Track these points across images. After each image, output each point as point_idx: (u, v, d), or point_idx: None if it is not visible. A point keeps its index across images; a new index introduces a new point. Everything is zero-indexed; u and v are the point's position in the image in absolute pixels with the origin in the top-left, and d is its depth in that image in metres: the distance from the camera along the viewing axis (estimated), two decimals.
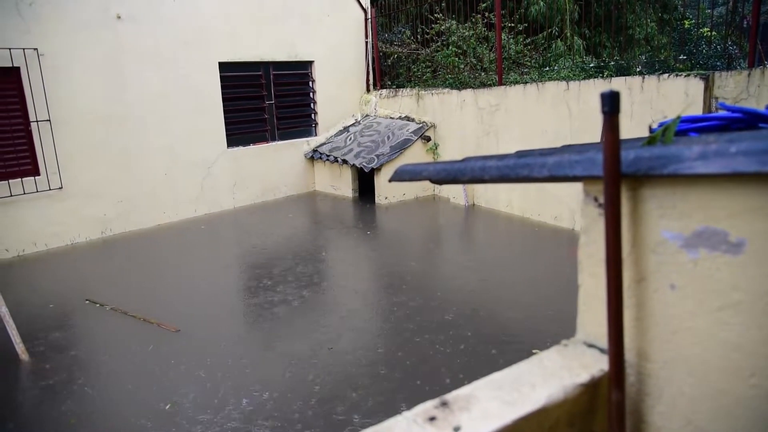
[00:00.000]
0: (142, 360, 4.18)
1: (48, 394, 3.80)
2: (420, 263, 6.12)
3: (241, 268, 6.32)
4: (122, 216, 7.67)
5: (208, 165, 8.47)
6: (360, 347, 4.18)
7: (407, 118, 9.30)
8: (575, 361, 1.13)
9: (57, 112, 6.95)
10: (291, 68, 9.41)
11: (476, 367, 3.81)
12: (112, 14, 7.34)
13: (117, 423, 3.41)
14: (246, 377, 3.84)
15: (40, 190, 6.92)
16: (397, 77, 10.51)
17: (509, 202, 7.70)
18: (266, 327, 4.65)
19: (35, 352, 4.33)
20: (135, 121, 7.66)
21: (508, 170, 1.22)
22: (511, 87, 7.55)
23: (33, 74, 6.74)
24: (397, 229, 7.60)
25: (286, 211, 8.62)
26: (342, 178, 9.25)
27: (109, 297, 5.38)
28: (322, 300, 5.20)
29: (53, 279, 6.16)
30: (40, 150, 6.90)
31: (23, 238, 6.90)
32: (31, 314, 4.96)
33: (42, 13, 6.76)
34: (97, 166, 7.37)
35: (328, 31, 9.63)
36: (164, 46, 7.83)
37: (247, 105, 9.01)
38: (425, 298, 4.98)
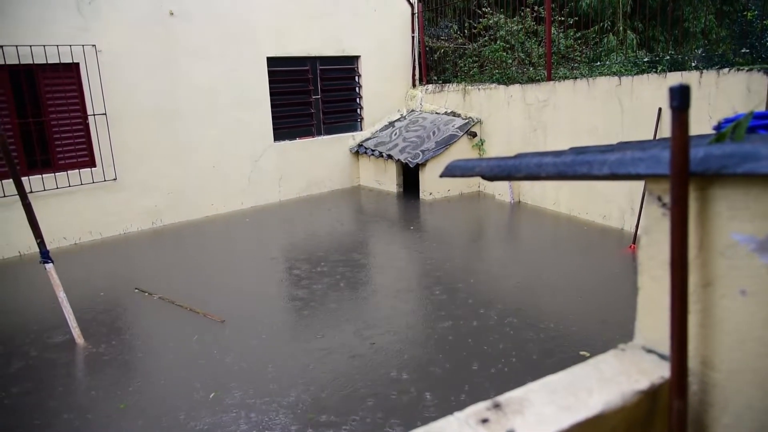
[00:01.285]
0: (189, 349, 4.27)
1: (100, 378, 3.93)
2: (463, 260, 6.07)
3: (285, 260, 6.40)
4: (172, 207, 7.88)
5: (255, 158, 8.61)
6: (402, 344, 4.17)
7: (453, 113, 9.22)
8: (633, 366, 1.09)
9: (112, 106, 7.19)
10: (338, 63, 9.46)
11: (519, 367, 3.75)
12: (165, 11, 7.52)
13: (164, 410, 3.49)
14: (289, 370, 3.87)
15: (96, 181, 7.19)
16: (444, 72, 10.43)
17: (556, 199, 7.54)
18: (309, 320, 4.69)
19: (88, 337, 4.49)
20: (185, 115, 7.85)
21: (566, 167, 1.18)
22: (561, 82, 7.38)
23: (91, 70, 6.99)
24: (441, 225, 7.55)
25: (330, 205, 8.68)
26: (387, 173, 9.25)
27: (157, 286, 5.53)
28: (365, 294, 5.22)
29: (106, 267, 6.38)
30: (96, 143, 7.15)
31: (80, 227, 7.18)
32: (84, 300, 5.14)
33: (100, 11, 6.99)
34: (149, 159, 7.59)
35: (374, 26, 9.63)
36: (214, 42, 7.99)
37: (293, 99, 9.11)
38: (468, 296, 4.93)
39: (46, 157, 6.92)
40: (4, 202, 6.51)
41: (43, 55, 6.63)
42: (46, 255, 4.35)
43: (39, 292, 5.42)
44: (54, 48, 6.70)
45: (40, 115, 6.80)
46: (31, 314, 5.10)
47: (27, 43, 6.51)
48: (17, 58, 6.47)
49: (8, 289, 5.87)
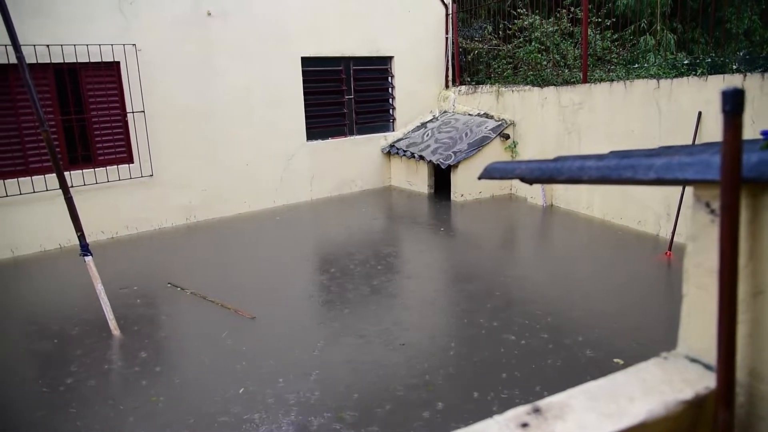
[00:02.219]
0: (219, 344, 4.33)
1: (133, 370, 4.02)
2: (494, 263, 6.02)
3: (315, 259, 6.44)
4: (206, 204, 8.02)
5: (287, 157, 8.70)
6: (431, 346, 4.15)
7: (486, 115, 9.16)
8: (677, 376, 1.07)
9: (150, 104, 7.34)
10: (371, 63, 9.49)
11: (550, 373, 3.70)
12: (203, 11, 7.65)
13: (194, 403, 3.55)
14: (318, 368, 3.89)
15: (133, 177, 7.36)
16: (477, 73, 10.37)
17: (590, 203, 7.43)
18: (338, 319, 4.71)
19: (123, 329, 4.59)
20: (221, 113, 7.98)
21: (610, 171, 1.16)
22: (597, 85, 7.27)
23: (131, 68, 7.15)
24: (472, 228, 7.51)
25: (361, 204, 8.71)
26: (418, 174, 9.24)
27: (189, 281, 5.62)
28: (394, 295, 5.22)
29: (140, 261, 6.52)
30: (134, 139, 7.32)
31: (117, 222, 7.36)
32: (119, 293, 5.24)
33: (140, 11, 7.15)
34: (184, 156, 7.74)
35: (408, 27, 9.63)
36: (250, 42, 8.09)
37: (327, 99, 9.17)
38: (499, 299, 4.89)
39: (86, 153, 7.12)
40: (47, 196, 6.71)
41: (86, 54, 6.81)
42: (86, 248, 4.47)
43: (77, 283, 5.58)
44: (96, 47, 6.88)
45: (81, 112, 6.99)
46: (69, 305, 5.24)
47: (71, 43, 6.70)
48: (62, 57, 6.66)
49: (49, 280, 6.05)
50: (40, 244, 6.89)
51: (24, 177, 6.67)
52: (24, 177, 6.67)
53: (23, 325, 5.00)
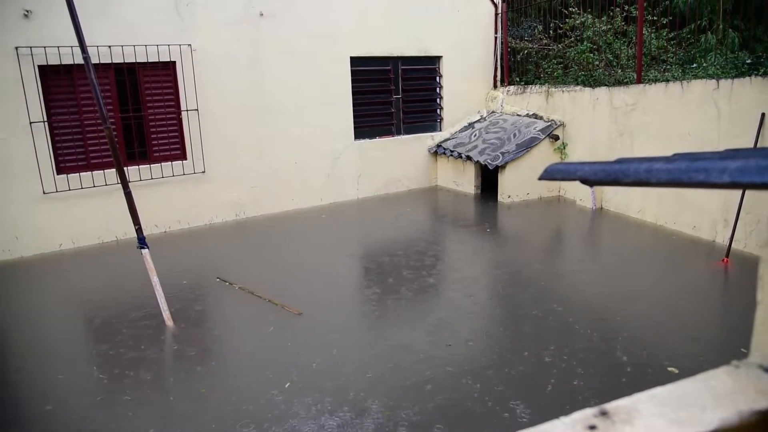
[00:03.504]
0: (266, 339, 4.42)
1: (185, 361, 4.14)
2: (542, 266, 5.93)
3: (361, 257, 6.49)
4: (255, 201, 8.19)
5: (335, 156, 8.79)
6: (478, 348, 4.13)
7: (535, 115, 9.03)
8: (750, 385, 1.03)
9: (203, 102, 7.55)
10: (419, 63, 9.49)
11: (603, 379, 3.63)
12: (256, 12, 7.81)
13: (241, 396, 3.62)
14: (364, 366, 3.92)
15: (186, 173, 7.58)
16: (526, 74, 10.23)
17: (642, 207, 7.23)
18: (385, 318, 4.73)
19: (175, 321, 4.74)
20: (270, 112, 8.13)
21: (681, 174, 1.13)
22: (651, 85, 7.06)
23: (186, 68, 7.36)
24: (519, 229, 7.42)
25: (407, 204, 8.73)
26: (465, 175, 9.19)
27: (238, 276, 5.75)
28: (440, 295, 5.21)
29: (191, 255, 6.71)
30: (188, 137, 7.54)
31: (170, 217, 7.60)
32: (170, 286, 5.37)
33: (196, 12, 7.36)
34: (235, 153, 7.92)
35: (457, 27, 9.59)
36: (300, 42, 8.21)
37: (375, 99, 9.22)
38: (546, 302, 4.82)
39: (143, 149, 7.37)
40: (106, 191, 6.99)
41: (144, 54, 7.06)
42: (143, 241, 4.63)
43: (133, 274, 5.78)
44: (154, 47, 7.11)
45: (139, 110, 7.25)
46: (126, 295, 5.44)
47: (130, 43, 6.95)
48: (122, 57, 6.92)
49: (107, 271, 6.30)
50: (98, 236, 7.18)
51: (85, 172, 6.96)
52: (85, 172, 6.96)
53: (83, 314, 5.23)
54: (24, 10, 6.36)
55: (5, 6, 6.28)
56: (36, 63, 6.50)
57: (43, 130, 6.64)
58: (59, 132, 6.85)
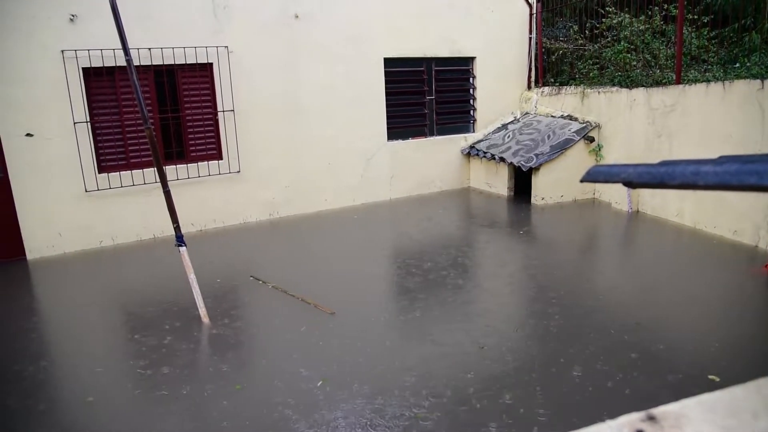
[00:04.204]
0: (299, 337, 4.46)
1: (220, 357, 4.22)
2: (576, 269, 5.85)
3: (394, 258, 6.50)
4: (288, 201, 8.28)
5: (368, 157, 8.83)
6: (510, 350, 4.09)
7: (570, 117, 8.91)
8: None
9: (239, 103, 7.67)
10: (452, 64, 9.47)
11: (637, 386, 3.56)
12: (291, 13, 7.90)
13: (275, 393, 3.66)
14: (395, 366, 3.92)
15: (222, 173, 7.71)
16: (560, 74, 10.11)
17: (680, 210, 7.07)
18: (417, 318, 4.73)
19: (211, 318, 4.83)
20: (305, 113, 8.21)
21: (730, 177, 1.11)
22: (691, 86, 6.90)
23: (222, 69, 7.49)
24: (552, 232, 7.33)
25: (439, 205, 8.72)
26: (498, 176, 9.13)
27: (271, 275, 5.82)
28: (472, 297, 5.19)
29: (226, 254, 6.82)
30: (224, 137, 7.68)
31: (206, 215, 7.74)
32: (205, 284, 5.43)
33: (233, 15, 7.49)
34: (269, 154, 8.03)
35: (491, 27, 9.53)
36: (334, 43, 8.28)
37: (408, 100, 9.23)
38: (580, 308, 4.75)
39: (180, 149, 7.53)
40: (144, 189, 7.17)
41: (182, 55, 7.21)
42: (181, 239, 4.74)
43: (170, 271, 5.92)
44: (192, 49, 7.26)
45: (177, 110, 7.41)
46: (163, 291, 5.57)
47: (169, 45, 7.11)
48: (161, 59, 7.08)
49: (144, 268, 6.45)
50: (136, 233, 7.36)
51: (125, 171, 7.15)
52: (125, 171, 7.15)
53: (121, 309, 5.37)
54: (70, 15, 6.56)
55: (53, 11, 6.50)
56: (80, 65, 6.70)
57: (86, 130, 6.85)
58: (101, 132, 7.05)
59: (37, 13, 6.45)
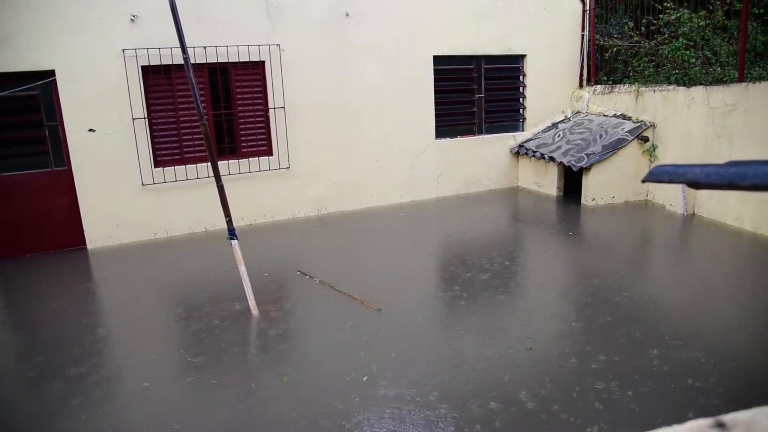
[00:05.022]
0: (345, 333, 4.50)
1: (268, 350, 4.31)
2: (625, 273, 5.65)
3: (439, 256, 6.49)
4: (336, 197, 8.38)
5: (416, 154, 8.84)
6: (558, 355, 4.01)
7: (623, 116, 8.68)
8: None
9: (290, 100, 7.80)
10: (503, 62, 9.36)
11: (697, 397, 3.45)
12: (342, 12, 7.98)
13: (320, 387, 3.71)
14: (440, 365, 3.91)
15: (272, 169, 7.86)
16: (613, 72, 9.85)
17: (739, 214, 6.79)
18: (463, 317, 4.71)
19: (260, 310, 4.93)
20: (354, 110, 8.28)
21: None
22: (755, 84, 6.61)
23: (274, 67, 7.63)
24: (602, 234, 7.15)
25: (486, 204, 8.64)
26: (547, 176, 8.99)
27: (318, 270, 5.90)
28: (518, 298, 5.13)
29: (274, 248, 6.95)
30: (275, 133, 7.82)
31: (256, 210, 7.91)
32: (253, 277, 5.46)
33: (285, 14, 7.62)
34: (319, 150, 8.13)
35: (543, 25, 9.38)
36: (384, 41, 8.31)
37: (457, 98, 9.19)
38: (628, 316, 4.57)
39: (232, 144, 7.71)
40: (197, 184, 7.38)
41: (236, 54, 7.38)
42: (233, 232, 4.85)
43: (221, 264, 6.08)
44: (245, 48, 7.42)
45: (229, 107, 7.59)
46: (214, 283, 5.73)
47: (223, 44, 7.29)
48: (216, 57, 7.27)
49: (196, 260, 6.65)
50: (189, 226, 7.58)
51: (179, 165, 7.37)
52: (179, 165, 7.37)
53: (174, 299, 5.55)
54: (131, 16, 6.82)
55: (116, 12, 6.77)
56: (139, 64, 6.95)
57: (143, 126, 7.09)
58: (157, 128, 7.29)
59: (102, 15, 6.72)
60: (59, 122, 6.84)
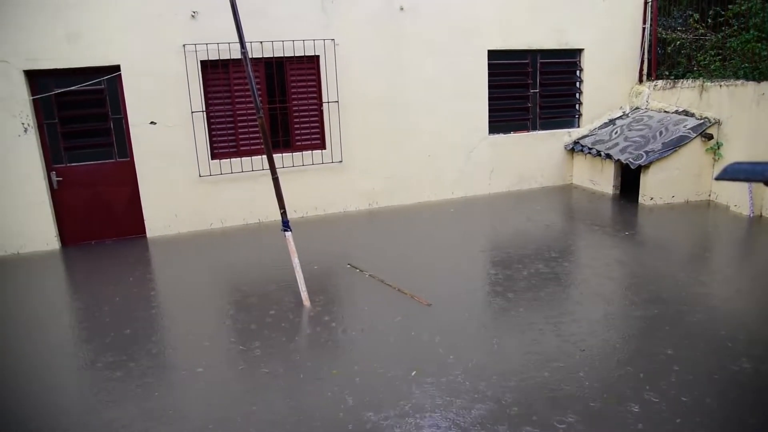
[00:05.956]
0: (395, 327, 4.51)
1: (318, 342, 4.36)
2: (683, 279, 5.35)
3: (490, 253, 6.40)
4: (388, 191, 8.40)
5: (469, 150, 8.76)
6: (613, 358, 3.89)
7: (685, 112, 8.35)
8: None
9: (343, 94, 7.86)
10: (559, 56, 9.15)
11: (752, 409, 3.30)
12: (396, 6, 7.96)
13: (368, 381, 3.73)
14: (490, 363, 3.86)
15: (324, 162, 7.95)
16: (675, 67, 9.48)
17: None
18: (513, 316, 4.64)
19: (311, 302, 5.00)
20: (407, 105, 8.28)
21: None
22: None
23: (328, 61, 7.70)
24: (660, 235, 6.87)
25: (539, 201, 8.49)
26: (603, 174, 8.74)
27: (368, 264, 5.93)
28: (570, 298, 4.99)
29: (325, 241, 7.02)
30: (328, 127, 7.90)
31: (308, 203, 8.03)
32: (303, 269, 5.45)
33: (339, 8, 7.67)
34: (371, 145, 8.17)
35: (601, 18, 9.10)
36: (439, 35, 8.26)
37: (511, 93, 9.04)
38: (684, 323, 4.40)
39: (286, 138, 7.84)
40: (252, 176, 7.55)
41: (291, 48, 7.49)
42: (287, 224, 4.94)
43: (274, 255, 6.20)
44: (300, 42, 7.52)
45: (284, 101, 7.71)
46: (267, 274, 5.84)
47: (279, 39, 7.40)
48: (271, 52, 7.40)
49: (250, 251, 6.80)
50: (243, 217, 7.77)
51: (235, 158, 7.55)
52: (235, 158, 7.55)
53: (228, 288, 5.69)
54: (192, 12, 7.01)
55: (177, 8, 6.98)
56: (199, 59, 7.15)
57: (201, 119, 7.29)
58: (214, 121, 7.48)
59: (164, 11, 6.94)
60: (123, 115, 7.12)
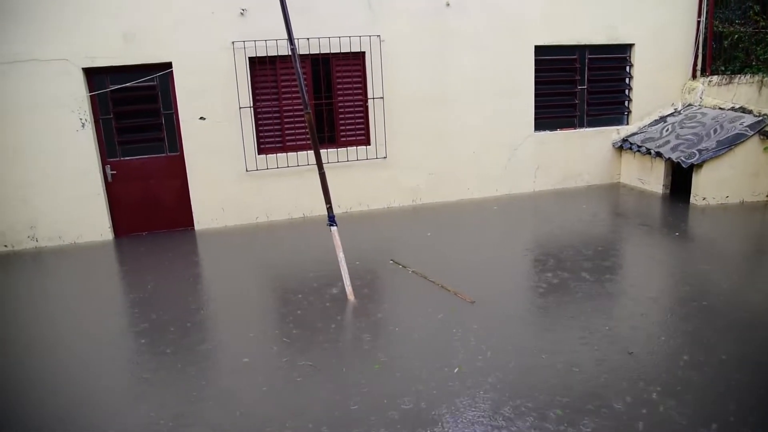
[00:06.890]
0: (439, 323, 4.51)
1: (362, 336, 4.40)
2: (736, 284, 5.15)
3: (535, 251, 6.33)
4: (431, 188, 8.40)
5: (514, 147, 8.67)
6: (661, 363, 3.78)
7: (742, 109, 8.05)
8: None
9: (389, 90, 7.88)
10: (608, 51, 8.93)
11: None
12: (442, 2, 7.93)
13: (411, 376, 3.73)
14: (534, 364, 3.83)
15: (369, 158, 8.01)
16: (732, 61, 9.12)
17: None
18: (558, 316, 4.58)
19: (355, 297, 5.05)
20: (452, 101, 8.24)
21: None
22: None
23: (374, 58, 7.74)
24: (714, 237, 6.63)
25: (585, 200, 8.33)
26: (652, 172, 8.51)
27: (411, 260, 5.94)
28: (616, 299, 4.88)
29: (369, 236, 7.07)
30: (372, 123, 7.94)
31: (352, 198, 8.10)
32: (348, 264, 5.44)
33: (385, 4, 7.69)
34: (415, 141, 8.17)
35: (652, 11, 8.83)
36: (485, 31, 8.18)
37: (558, 89, 8.88)
38: (735, 328, 4.24)
39: (331, 133, 7.92)
40: (297, 171, 7.67)
41: (337, 45, 7.55)
42: (333, 219, 5.00)
43: (318, 249, 6.28)
44: (347, 39, 7.57)
45: (330, 97, 7.79)
46: (311, 267, 5.93)
47: (326, 35, 7.48)
48: (318, 48, 7.48)
49: (295, 244, 6.91)
50: (288, 212, 7.89)
51: (281, 153, 7.68)
52: (281, 153, 7.68)
53: (273, 281, 5.81)
54: (241, 10, 7.15)
55: (227, 6, 7.14)
56: (247, 55, 7.29)
57: (249, 115, 7.44)
58: (261, 116, 7.62)
59: (215, 9, 7.10)
60: (174, 111, 7.33)
